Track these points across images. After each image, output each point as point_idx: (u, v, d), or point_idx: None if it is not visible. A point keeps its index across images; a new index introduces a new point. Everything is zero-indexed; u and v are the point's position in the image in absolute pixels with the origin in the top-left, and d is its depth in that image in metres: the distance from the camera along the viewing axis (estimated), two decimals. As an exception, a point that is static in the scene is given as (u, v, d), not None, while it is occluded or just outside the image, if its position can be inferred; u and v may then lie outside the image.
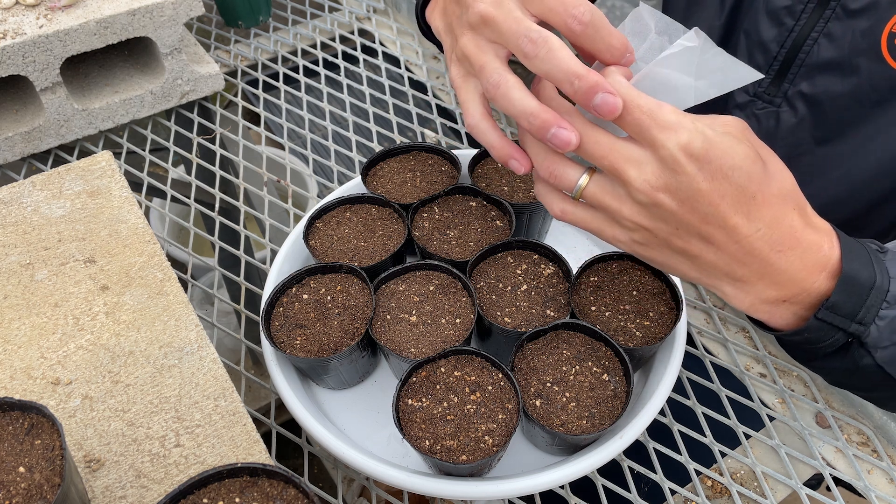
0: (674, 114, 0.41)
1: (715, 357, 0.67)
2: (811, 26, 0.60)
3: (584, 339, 0.56)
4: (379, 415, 0.60)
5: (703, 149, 0.40)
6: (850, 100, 0.60)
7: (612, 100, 0.41)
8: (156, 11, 0.78)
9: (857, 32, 0.58)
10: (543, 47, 0.43)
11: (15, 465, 0.41)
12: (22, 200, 0.64)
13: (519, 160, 0.49)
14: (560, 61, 0.43)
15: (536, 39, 0.43)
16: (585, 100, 0.42)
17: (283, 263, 0.65)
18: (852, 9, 0.58)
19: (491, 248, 0.61)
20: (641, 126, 0.41)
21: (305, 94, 0.94)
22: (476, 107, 0.50)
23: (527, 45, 0.44)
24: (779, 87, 0.64)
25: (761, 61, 0.64)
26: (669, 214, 0.42)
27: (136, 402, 0.51)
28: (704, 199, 0.41)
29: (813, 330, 0.46)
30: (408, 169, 0.69)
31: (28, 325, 0.55)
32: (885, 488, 0.59)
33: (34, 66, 0.74)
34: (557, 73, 0.43)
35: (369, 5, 1.09)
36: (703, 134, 0.40)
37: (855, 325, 0.45)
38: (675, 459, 0.60)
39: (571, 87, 0.43)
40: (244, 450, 0.49)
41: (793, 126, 0.65)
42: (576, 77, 0.42)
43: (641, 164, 0.42)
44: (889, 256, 0.46)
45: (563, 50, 0.43)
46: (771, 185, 0.42)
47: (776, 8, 0.62)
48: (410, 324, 0.57)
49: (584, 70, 0.42)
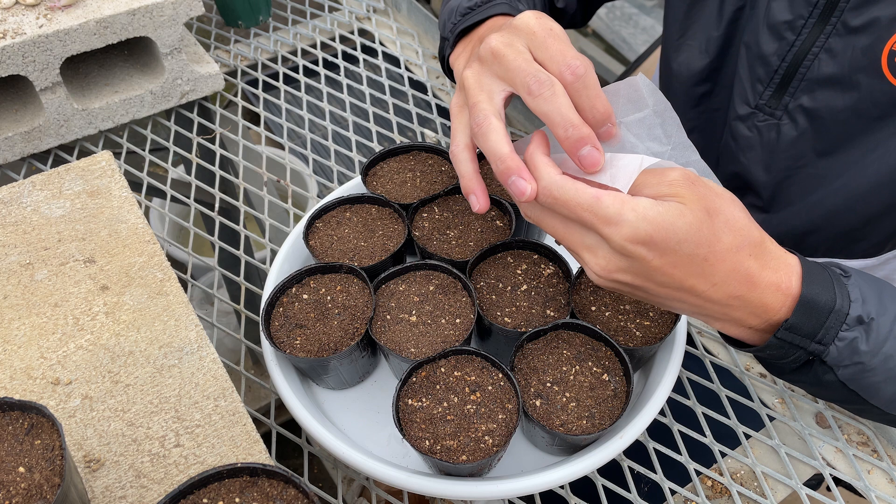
0: (613, 205, 0.43)
1: (715, 357, 0.67)
2: (812, 41, 0.60)
3: (584, 339, 0.56)
4: (379, 415, 0.60)
5: (647, 234, 0.42)
6: (850, 114, 0.61)
7: (597, 155, 0.46)
8: (156, 11, 0.78)
9: (857, 49, 0.58)
10: (549, 89, 0.47)
11: (15, 465, 0.41)
12: (22, 200, 0.64)
13: (478, 197, 0.52)
14: (560, 106, 0.46)
15: (544, 81, 0.47)
16: (573, 149, 0.46)
17: (283, 263, 0.65)
18: (853, 25, 0.58)
19: (491, 248, 0.61)
20: (585, 222, 0.44)
21: (305, 94, 0.94)
22: (463, 137, 0.53)
23: (533, 84, 0.47)
24: (780, 99, 0.64)
25: (762, 74, 0.64)
26: (628, 285, 0.46)
27: (136, 402, 0.51)
28: (659, 272, 0.44)
29: (773, 348, 0.49)
30: (408, 169, 0.69)
31: (28, 325, 0.55)
32: (885, 488, 0.59)
33: (34, 66, 0.74)
34: (555, 115, 0.46)
35: (369, 5, 1.09)
36: (646, 219, 0.42)
37: (815, 344, 0.47)
38: (675, 459, 0.60)
39: (564, 132, 0.46)
40: (244, 450, 0.49)
41: (794, 139, 0.65)
42: (570, 125, 0.46)
43: (595, 250, 0.45)
44: (852, 281, 0.49)
45: (565, 97, 0.47)
46: (721, 242, 0.44)
47: (777, 22, 0.62)
48: (410, 324, 0.57)
49: (580, 121, 0.46)
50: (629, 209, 0.43)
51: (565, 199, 0.44)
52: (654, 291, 0.46)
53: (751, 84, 0.66)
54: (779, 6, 0.61)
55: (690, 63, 0.72)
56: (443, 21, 0.72)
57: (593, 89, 0.48)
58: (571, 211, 0.44)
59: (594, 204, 0.43)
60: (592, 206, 0.43)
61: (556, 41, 0.49)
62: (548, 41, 0.49)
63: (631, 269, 0.45)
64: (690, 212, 0.43)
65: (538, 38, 0.50)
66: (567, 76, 0.47)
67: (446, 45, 0.70)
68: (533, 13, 0.51)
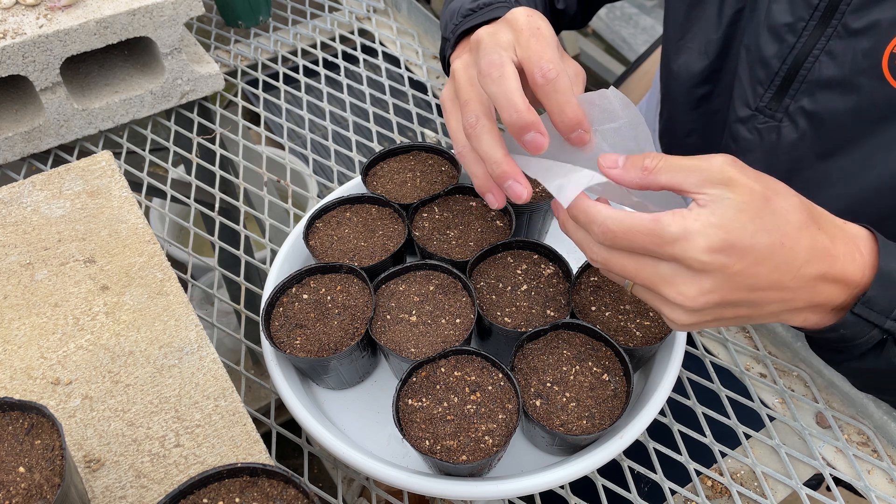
0: (674, 221, 0.41)
1: (715, 357, 0.67)
2: (812, 44, 0.60)
3: (584, 339, 0.56)
4: (379, 415, 0.60)
5: (721, 239, 0.40)
6: (851, 117, 0.61)
7: (541, 139, 0.47)
8: (156, 11, 0.78)
9: (858, 52, 0.58)
10: (497, 70, 0.48)
11: (15, 465, 0.41)
12: (22, 200, 0.64)
13: (495, 196, 0.52)
14: (507, 90, 0.47)
15: (494, 62, 0.48)
16: (517, 134, 0.47)
17: (283, 263, 0.65)
18: (854, 28, 0.58)
19: (491, 248, 0.61)
20: (652, 248, 0.42)
21: (305, 94, 0.94)
22: (463, 136, 0.54)
23: (484, 65, 0.49)
24: (780, 102, 0.64)
25: (762, 76, 0.64)
26: (717, 306, 0.43)
27: (136, 402, 0.51)
28: (744, 276, 0.42)
29: (848, 326, 0.46)
30: (408, 169, 0.69)
31: (28, 325, 0.55)
32: (885, 488, 0.59)
33: (34, 66, 0.74)
34: (501, 98, 0.48)
35: (369, 5, 1.09)
36: (713, 224, 0.41)
37: (891, 321, 0.45)
38: (675, 459, 0.60)
39: (509, 116, 0.48)
40: (244, 450, 0.49)
41: (794, 141, 0.65)
42: (515, 110, 0.47)
43: (674, 280, 0.43)
44: None
45: (515, 82, 0.48)
46: (790, 223, 0.42)
47: (777, 24, 0.62)
48: (410, 324, 0.57)
49: (526, 107, 0.47)
50: (692, 221, 0.41)
51: (624, 230, 0.42)
52: (748, 300, 0.43)
53: (751, 86, 0.66)
54: (779, 8, 0.61)
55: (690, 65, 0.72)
56: (444, 22, 0.73)
57: (563, 94, 0.47)
58: (634, 240, 0.42)
59: (655, 226, 0.41)
60: (654, 229, 0.41)
61: (538, 42, 0.49)
62: (531, 41, 0.50)
63: (716, 286, 0.42)
64: (750, 201, 0.41)
65: (523, 36, 0.50)
66: (538, 78, 0.48)
67: (447, 45, 0.71)
68: (525, 10, 0.52)
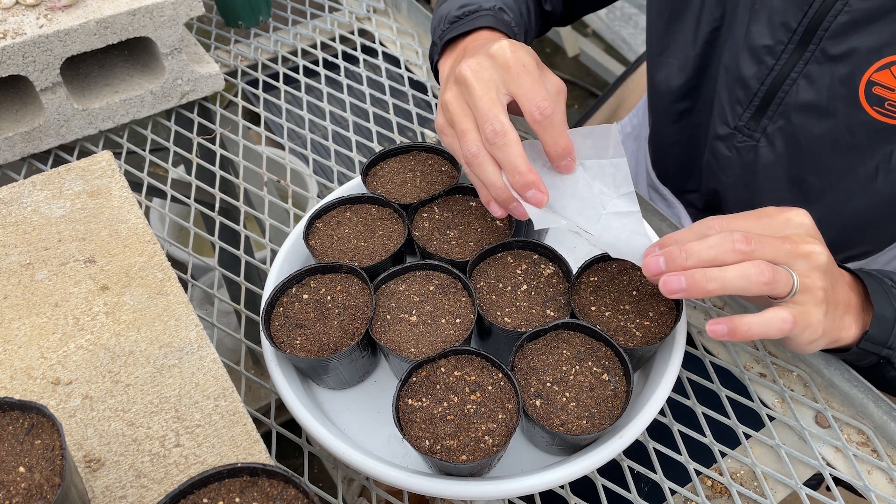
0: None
1: (715, 357, 0.67)
2: (791, 67, 0.61)
3: (584, 339, 0.56)
4: (379, 415, 0.60)
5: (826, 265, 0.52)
6: (827, 142, 0.62)
7: (541, 196, 0.53)
8: (156, 11, 0.78)
9: (835, 77, 0.59)
10: (502, 139, 0.53)
11: (15, 465, 0.41)
12: (22, 200, 0.64)
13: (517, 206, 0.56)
14: (512, 156, 0.53)
15: (498, 131, 0.53)
16: (521, 192, 0.54)
17: (283, 263, 0.65)
18: (832, 54, 0.58)
19: (491, 248, 0.61)
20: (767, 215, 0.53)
21: (305, 94, 0.94)
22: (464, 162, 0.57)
23: (489, 132, 0.53)
24: (759, 122, 0.65)
25: (741, 96, 0.65)
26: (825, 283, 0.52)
27: (136, 402, 0.51)
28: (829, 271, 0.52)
29: (853, 355, 0.58)
30: (408, 169, 0.69)
31: (28, 325, 0.55)
32: (885, 488, 0.59)
33: (34, 66, 0.74)
34: (506, 163, 0.53)
35: (369, 5, 1.09)
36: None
37: (886, 350, 0.56)
38: (675, 459, 0.60)
39: (515, 180, 0.53)
40: (244, 450, 0.49)
41: (771, 161, 0.66)
42: (519, 173, 0.53)
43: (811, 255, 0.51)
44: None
45: (517, 146, 0.53)
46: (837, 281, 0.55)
47: (757, 46, 0.62)
48: (410, 324, 0.57)
49: (527, 169, 0.53)
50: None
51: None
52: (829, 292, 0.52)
53: (730, 105, 0.66)
54: (759, 30, 0.61)
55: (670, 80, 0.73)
56: (433, 25, 0.74)
57: (558, 127, 0.54)
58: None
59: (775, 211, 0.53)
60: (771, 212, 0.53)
61: (529, 78, 0.54)
62: (521, 78, 0.54)
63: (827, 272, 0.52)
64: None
65: (512, 73, 0.54)
66: (535, 115, 0.53)
67: (435, 50, 0.72)
68: (509, 44, 0.56)
